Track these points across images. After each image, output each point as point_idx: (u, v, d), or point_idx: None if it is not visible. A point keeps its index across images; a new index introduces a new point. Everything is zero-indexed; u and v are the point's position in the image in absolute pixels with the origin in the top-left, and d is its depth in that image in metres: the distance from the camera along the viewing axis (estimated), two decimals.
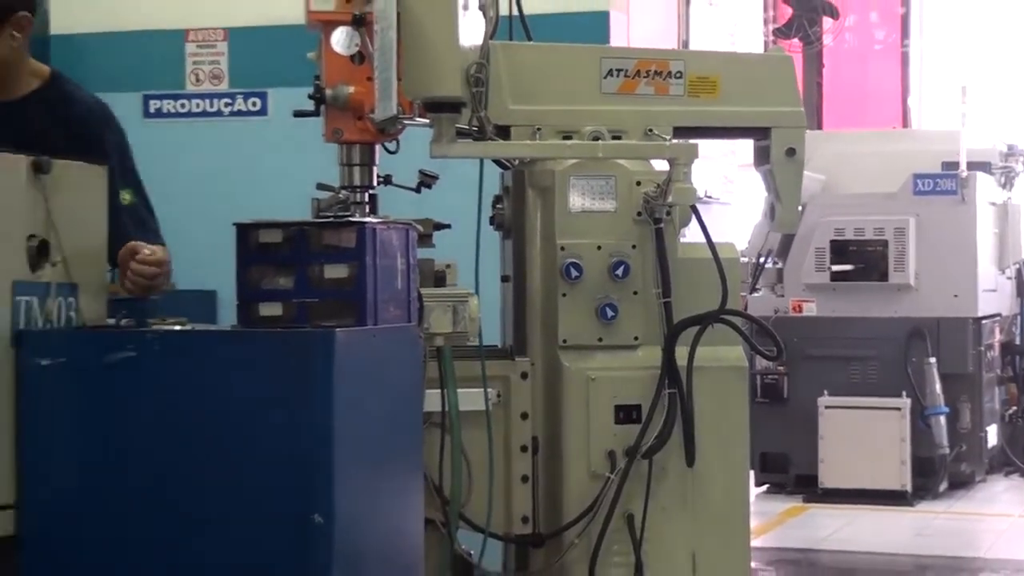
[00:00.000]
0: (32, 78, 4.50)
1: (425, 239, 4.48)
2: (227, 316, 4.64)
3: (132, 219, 4.39)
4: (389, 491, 3.39)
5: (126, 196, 4.38)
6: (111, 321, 3.46)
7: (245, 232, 3.34)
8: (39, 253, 3.24)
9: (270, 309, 3.25)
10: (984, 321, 11.26)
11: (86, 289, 3.39)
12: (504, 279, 5.10)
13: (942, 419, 10.83)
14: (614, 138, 4.81)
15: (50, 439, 3.12)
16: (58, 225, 3.27)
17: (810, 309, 11.11)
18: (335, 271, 3.25)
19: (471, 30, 4.70)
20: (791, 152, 4.97)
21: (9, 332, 3.14)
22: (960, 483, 11.18)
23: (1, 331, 3.13)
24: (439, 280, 4.59)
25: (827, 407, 10.79)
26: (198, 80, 8.87)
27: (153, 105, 8.88)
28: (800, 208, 5.13)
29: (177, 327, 3.28)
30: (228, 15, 8.73)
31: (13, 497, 3.12)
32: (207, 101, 8.64)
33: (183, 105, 8.86)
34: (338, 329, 3.11)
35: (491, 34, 4.78)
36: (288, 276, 3.26)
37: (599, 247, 4.66)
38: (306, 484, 3.04)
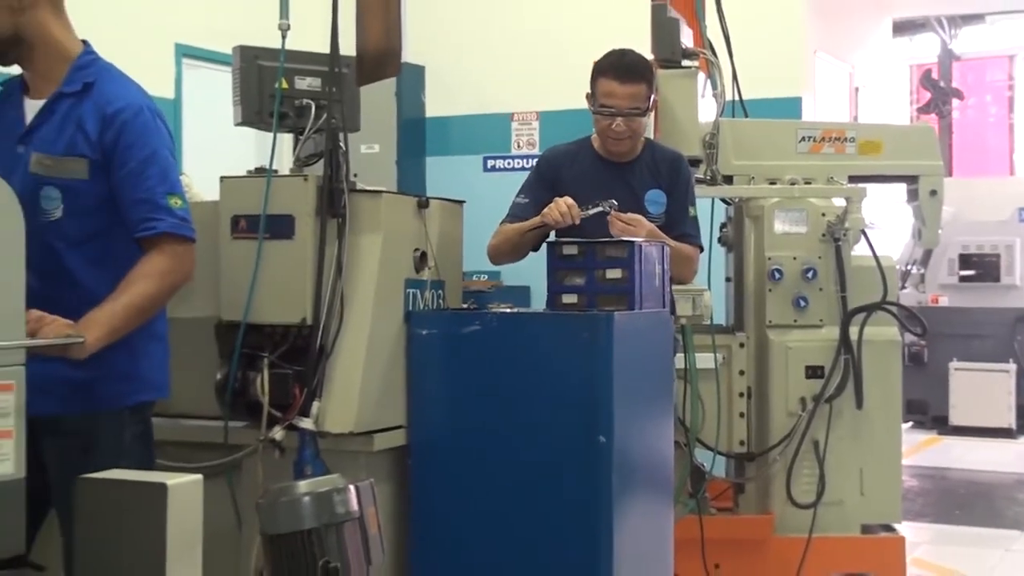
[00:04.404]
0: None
1: None
2: (537, 304, 4.68)
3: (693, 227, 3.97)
4: (650, 421, 3.36)
5: (691, 210, 3.96)
6: (464, 305, 3.51)
7: (554, 247, 3.35)
8: (421, 260, 3.29)
9: (570, 299, 3.24)
10: None
11: (449, 284, 3.43)
12: (728, 280, 5.05)
13: None
14: (806, 183, 4.74)
15: (428, 381, 3.18)
16: (432, 241, 3.33)
17: (944, 301, 10.92)
18: (614, 273, 3.22)
19: (706, 110, 4.67)
20: (934, 192, 4.85)
21: (402, 313, 3.20)
22: None
23: (399, 312, 3.19)
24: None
25: (956, 369, 10.57)
26: (519, 146, 8.96)
27: (489, 163, 9.01)
28: (939, 231, 4.97)
29: (507, 310, 3.29)
30: (540, 102, 8.80)
31: (405, 420, 3.19)
32: (524, 160, 8.72)
33: (508, 163, 8.97)
34: (616, 313, 3.09)
35: (720, 113, 4.74)
36: (582, 276, 3.25)
37: (795, 258, 4.59)
38: (594, 415, 3.02)
